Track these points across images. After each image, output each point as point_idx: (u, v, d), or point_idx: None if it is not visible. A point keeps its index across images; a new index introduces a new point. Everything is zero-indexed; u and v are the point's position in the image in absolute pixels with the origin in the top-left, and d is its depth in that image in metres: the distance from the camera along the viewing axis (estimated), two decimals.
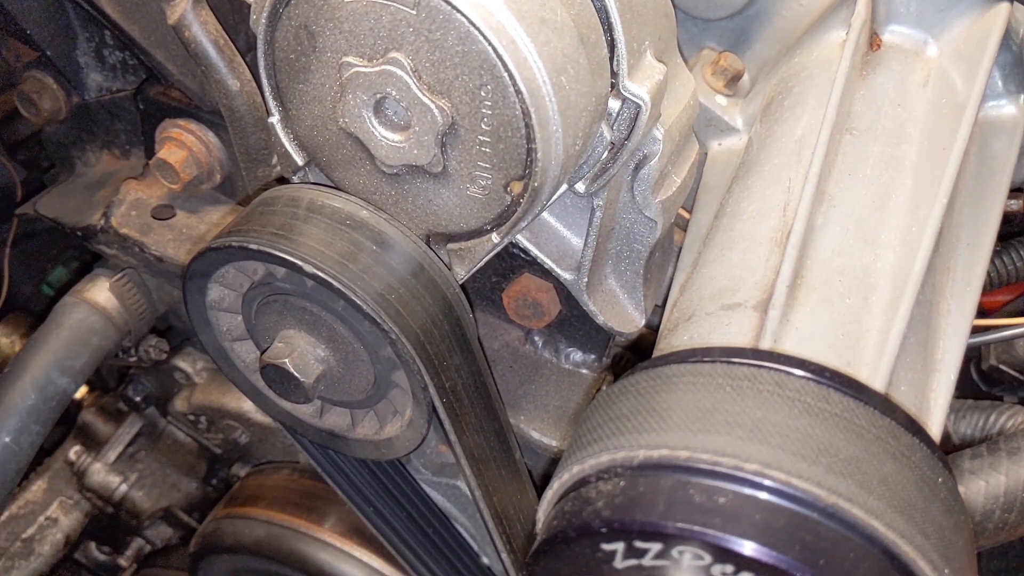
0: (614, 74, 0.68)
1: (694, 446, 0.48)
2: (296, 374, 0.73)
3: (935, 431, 0.60)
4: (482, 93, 0.61)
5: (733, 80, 0.95)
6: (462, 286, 0.76)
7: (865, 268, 0.63)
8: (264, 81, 0.71)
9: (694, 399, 0.50)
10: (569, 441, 0.57)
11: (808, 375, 0.51)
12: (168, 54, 0.91)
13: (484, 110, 0.62)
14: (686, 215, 0.93)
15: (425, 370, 0.70)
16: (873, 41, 0.85)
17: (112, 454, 1.52)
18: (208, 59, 0.85)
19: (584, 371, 0.96)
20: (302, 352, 0.74)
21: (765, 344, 0.57)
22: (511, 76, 0.59)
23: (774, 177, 0.73)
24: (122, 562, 1.56)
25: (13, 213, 1.58)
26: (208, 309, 0.79)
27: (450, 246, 0.74)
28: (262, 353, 0.76)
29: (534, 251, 0.84)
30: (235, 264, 0.74)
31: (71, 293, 1.09)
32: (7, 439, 0.99)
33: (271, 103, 0.72)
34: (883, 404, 0.51)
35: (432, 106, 0.62)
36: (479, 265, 0.74)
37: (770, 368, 0.51)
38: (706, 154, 0.95)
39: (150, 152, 1.06)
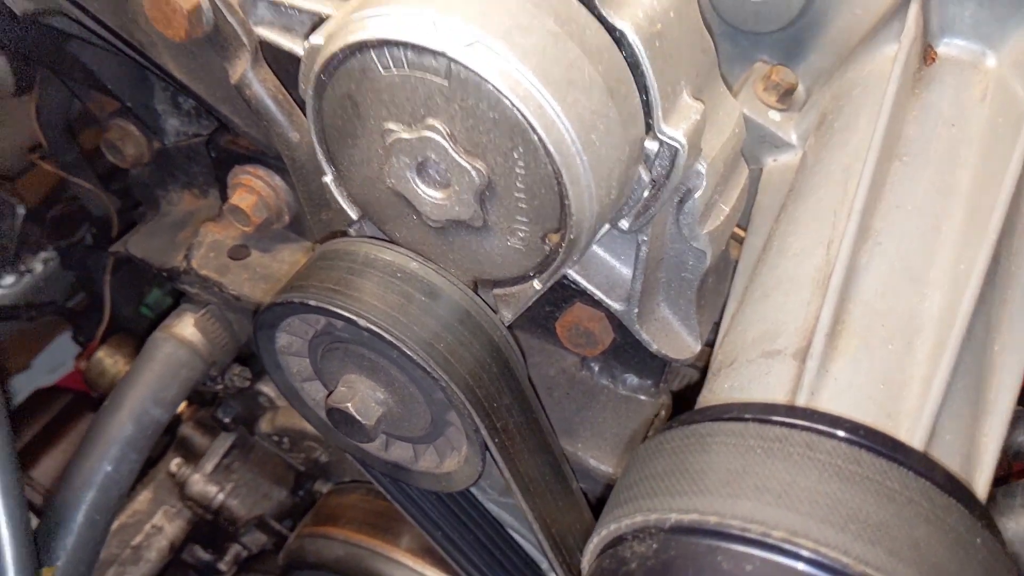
0: (649, 117, 0.68)
1: (723, 511, 0.49)
2: (358, 417, 0.78)
3: (984, 478, 0.59)
4: (514, 155, 0.63)
5: (786, 94, 0.93)
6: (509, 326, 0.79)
7: (911, 310, 0.61)
8: (316, 144, 0.75)
9: (725, 461, 0.51)
10: (610, 495, 0.59)
11: (840, 434, 0.51)
12: (233, 108, 0.96)
13: (518, 170, 0.64)
14: (741, 233, 0.92)
15: (475, 413, 0.73)
16: (927, 54, 0.82)
17: (209, 465, 1.62)
18: (269, 114, 0.90)
19: (642, 397, 0.97)
20: (363, 396, 0.78)
21: (802, 398, 0.57)
22: (540, 139, 0.61)
23: (819, 211, 0.72)
24: (221, 567, 1.66)
25: (109, 241, 1.69)
26: (278, 354, 0.84)
27: (496, 291, 0.76)
28: (327, 396, 0.81)
29: (583, 283, 0.86)
30: (298, 316, 0.78)
31: (161, 328, 1.17)
32: (109, 468, 1.08)
33: (324, 164, 0.76)
34: (919, 462, 0.50)
35: (469, 167, 0.65)
36: (523, 308, 0.76)
37: (802, 428, 0.52)
38: (761, 170, 0.93)
39: (224, 194, 1.12)
